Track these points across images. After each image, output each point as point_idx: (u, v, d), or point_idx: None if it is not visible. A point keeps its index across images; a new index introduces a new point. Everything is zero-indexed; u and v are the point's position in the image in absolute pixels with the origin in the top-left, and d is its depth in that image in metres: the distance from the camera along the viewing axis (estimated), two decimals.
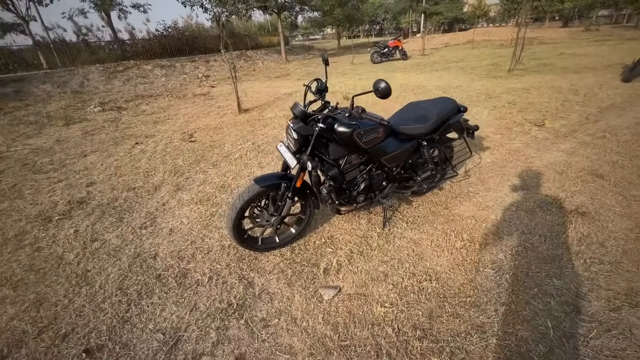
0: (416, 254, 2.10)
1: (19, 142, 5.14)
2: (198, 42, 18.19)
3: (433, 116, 2.28)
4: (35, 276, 2.13)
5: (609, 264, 1.89)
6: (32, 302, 1.92)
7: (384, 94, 1.61)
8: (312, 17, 24.76)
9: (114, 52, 14.99)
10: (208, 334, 1.63)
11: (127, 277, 2.07)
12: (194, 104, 7.47)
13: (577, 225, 2.25)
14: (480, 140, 3.93)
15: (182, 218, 2.71)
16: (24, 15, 13.12)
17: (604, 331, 1.49)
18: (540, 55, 10.88)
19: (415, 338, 1.52)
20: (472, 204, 2.63)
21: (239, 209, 1.93)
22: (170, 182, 3.37)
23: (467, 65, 10.09)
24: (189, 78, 12.69)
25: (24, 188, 3.45)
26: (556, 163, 3.23)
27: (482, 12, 36.22)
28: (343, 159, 2.04)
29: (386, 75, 9.66)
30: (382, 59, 13.70)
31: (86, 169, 3.87)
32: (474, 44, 17.53)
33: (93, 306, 1.86)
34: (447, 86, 6.95)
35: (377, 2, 45.70)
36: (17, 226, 2.72)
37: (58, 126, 6.05)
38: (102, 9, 14.74)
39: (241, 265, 2.11)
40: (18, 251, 2.40)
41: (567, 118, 4.46)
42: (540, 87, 6.16)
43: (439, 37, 24.66)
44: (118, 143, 4.81)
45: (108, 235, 2.53)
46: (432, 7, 37.20)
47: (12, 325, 1.76)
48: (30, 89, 9.98)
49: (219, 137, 4.79)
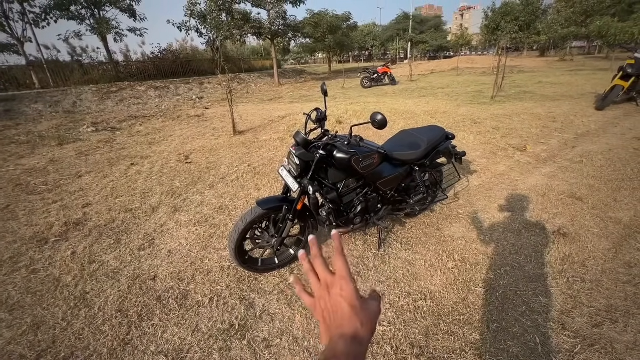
0: (411, 274, 2.19)
1: (10, 162, 5.11)
2: (192, 64, 18.58)
3: (424, 143, 2.45)
4: (32, 299, 2.12)
5: (590, 282, 2.02)
6: (29, 325, 1.91)
7: (380, 126, 1.76)
8: (304, 43, 25.71)
9: (108, 73, 15.14)
10: (211, 355, 1.66)
11: (127, 298, 2.08)
12: (189, 125, 7.58)
13: (559, 246, 2.39)
14: (467, 164, 4.13)
15: (180, 239, 2.75)
16: (19, 37, 13.24)
17: (588, 346, 1.59)
18: (520, 83, 11.54)
19: (413, 355, 1.59)
20: (462, 226, 2.77)
21: (242, 230, 2.00)
22: (168, 204, 3.41)
23: (452, 92, 10.60)
24: (182, 99, 12.87)
25: (18, 209, 3.42)
26: (538, 186, 3.42)
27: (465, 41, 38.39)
28: (341, 183, 2.16)
29: (376, 100, 10.05)
30: (371, 84, 14.25)
31: (82, 190, 3.88)
32: (458, 71, 18.45)
33: (93, 329, 1.86)
34: (434, 111, 7.29)
35: (366, 30, 47.88)
36: (11, 248, 2.70)
37: (51, 146, 6.03)
38: (99, 32, 15.01)
39: (241, 286, 2.15)
40: (13, 273, 2.38)
41: (547, 143, 4.75)
42: (521, 113, 6.54)
43: (425, 64, 25.85)
44: (113, 164, 4.83)
45: (106, 256, 2.55)
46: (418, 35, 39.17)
47: (9, 350, 1.74)
48: (22, 108, 9.95)
49: (215, 158, 4.87)
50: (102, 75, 14.81)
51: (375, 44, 48.51)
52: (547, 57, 30.08)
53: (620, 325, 1.70)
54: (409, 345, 1.65)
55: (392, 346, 1.65)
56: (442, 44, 43.01)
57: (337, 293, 0.39)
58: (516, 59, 24.35)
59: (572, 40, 28.71)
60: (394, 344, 1.66)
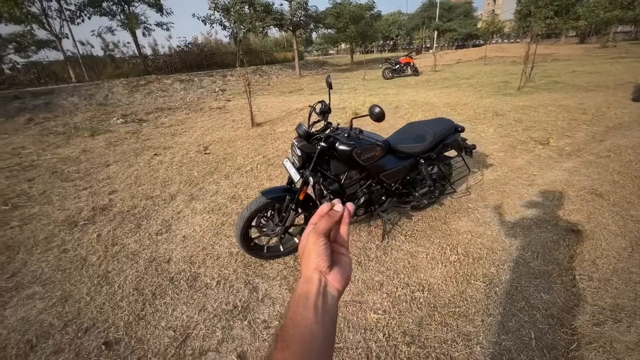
0: (412, 265, 2.22)
1: (48, 152, 5.54)
2: (216, 57, 18.98)
3: (430, 136, 2.43)
4: (62, 275, 2.35)
5: (598, 280, 1.96)
6: (58, 298, 2.12)
7: (378, 118, 1.78)
8: (326, 34, 25.47)
9: (137, 67, 15.82)
10: (214, 333, 1.79)
11: (143, 278, 2.26)
12: (210, 117, 7.83)
13: (570, 243, 2.32)
14: (483, 157, 4.02)
15: (195, 226, 2.91)
16: (57, 33, 14.07)
17: (585, 344, 1.57)
18: (552, 72, 10.90)
19: (404, 343, 1.64)
20: (470, 220, 2.73)
21: (247, 218, 2.10)
22: (185, 192, 3.60)
23: (477, 82, 10.20)
24: (206, 92, 13.25)
25: (53, 195, 3.74)
26: (557, 181, 3.29)
27: (496, 28, 36.38)
28: (343, 175, 2.20)
29: (396, 91, 9.86)
30: (393, 75, 13.96)
31: (109, 178, 4.16)
32: (486, 60, 17.63)
33: (112, 304, 2.05)
34: (455, 103, 7.08)
35: (391, 19, 46.60)
36: (46, 229, 2.98)
37: (84, 137, 6.47)
38: (129, 27, 15.65)
39: (247, 271, 2.27)
40: (47, 252, 2.63)
41: (573, 137, 4.51)
42: (548, 105, 6.21)
43: (452, 53, 24.88)
44: (138, 154, 5.12)
45: (127, 240, 2.75)
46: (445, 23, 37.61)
47: (40, 318, 1.96)
48: (60, 101, 10.66)
49: (232, 149, 5.04)
50: (131, 69, 15.50)
51: (400, 34, 47.16)
52: (587, 43, 27.99)
53: (624, 325, 1.65)
54: (401, 334, 1.69)
55: (384, 333, 1.70)
56: (471, 32, 41.04)
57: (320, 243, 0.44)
58: (551, 47, 22.88)
59: (616, 25, 26.47)
60: (387, 331, 1.71)
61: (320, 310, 0.39)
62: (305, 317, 0.38)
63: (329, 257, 0.43)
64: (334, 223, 0.46)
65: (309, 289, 0.40)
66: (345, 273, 0.44)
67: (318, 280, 0.41)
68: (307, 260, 0.44)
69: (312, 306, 0.39)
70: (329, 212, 0.46)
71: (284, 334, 0.37)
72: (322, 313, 0.39)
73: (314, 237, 0.44)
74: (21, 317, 1.97)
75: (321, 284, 0.41)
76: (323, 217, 0.46)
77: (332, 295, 0.41)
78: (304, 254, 0.45)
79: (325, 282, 0.42)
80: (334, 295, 0.42)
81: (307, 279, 0.42)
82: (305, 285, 0.41)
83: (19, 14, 12.15)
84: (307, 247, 0.44)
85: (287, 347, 0.36)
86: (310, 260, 0.43)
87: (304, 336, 0.37)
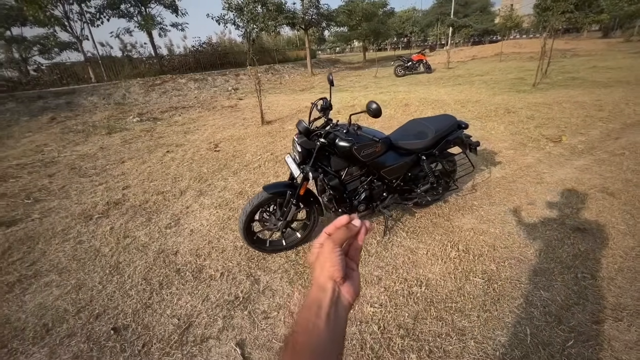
0: (411, 261, 2.23)
1: (68, 149, 5.80)
2: (229, 56, 19.26)
3: (431, 132, 2.43)
4: (77, 265, 2.48)
5: (601, 279, 1.93)
6: (73, 286, 2.25)
7: (375, 114, 1.80)
8: (338, 31, 25.40)
9: (154, 67, 16.23)
10: (215, 321, 1.86)
11: (152, 269, 2.36)
12: (222, 116, 7.98)
13: (575, 242, 2.28)
14: (492, 155, 3.97)
15: (202, 220, 3.01)
16: (78, 35, 14.59)
17: (583, 341, 1.56)
18: (570, 68, 10.55)
19: (398, 336, 1.66)
20: (474, 217, 2.72)
21: (249, 212, 2.17)
22: (195, 188, 3.71)
23: (491, 79, 9.98)
24: (219, 91, 13.48)
25: (71, 189, 3.93)
26: (567, 179, 3.22)
27: (514, 23, 35.33)
28: (344, 171, 2.23)
29: (407, 88, 9.77)
30: (405, 72, 13.83)
31: (123, 174, 4.33)
32: (502, 56, 17.19)
33: (122, 292, 2.15)
34: (466, 100, 6.97)
35: (405, 16, 45.99)
36: (64, 222, 3.14)
37: (102, 135, 6.72)
38: (146, 28, 16.07)
39: (250, 264, 2.34)
40: (64, 243, 2.78)
41: (587, 134, 4.39)
42: (563, 102, 6.04)
43: (467, 50, 24.37)
44: (152, 151, 5.29)
45: (138, 232, 2.87)
46: (460, 19, 36.83)
47: (56, 304, 2.08)
48: (80, 100, 11.07)
49: (241, 147, 5.14)
50: (148, 69, 15.92)
51: (414, 30, 46.49)
52: (611, 38, 26.87)
53: (625, 324, 1.62)
54: (396, 327, 1.72)
55: (379, 326, 1.73)
56: (488, 28, 40.02)
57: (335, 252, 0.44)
58: (572, 41, 22.09)
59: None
60: (382, 324, 1.74)
61: (333, 319, 0.39)
62: (317, 325, 0.38)
63: (343, 267, 0.43)
64: (350, 236, 0.46)
65: (322, 297, 0.40)
66: (356, 287, 0.44)
67: (332, 290, 0.41)
68: (321, 268, 0.43)
69: (325, 315, 0.39)
70: (347, 225, 0.46)
71: (295, 341, 0.37)
72: (334, 323, 0.39)
73: (331, 246, 0.44)
74: (39, 302, 2.10)
75: (335, 294, 0.41)
76: (341, 228, 0.46)
77: (344, 306, 0.42)
78: (318, 261, 0.44)
79: (339, 292, 0.42)
80: (345, 306, 0.42)
81: (321, 286, 0.42)
82: (319, 293, 0.41)
83: (43, 17, 12.67)
84: (323, 255, 0.44)
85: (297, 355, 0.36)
86: (325, 268, 0.42)
87: (315, 345, 0.37)
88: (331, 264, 0.42)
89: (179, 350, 1.70)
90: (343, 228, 0.46)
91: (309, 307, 0.40)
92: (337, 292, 0.42)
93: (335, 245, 0.44)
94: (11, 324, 1.93)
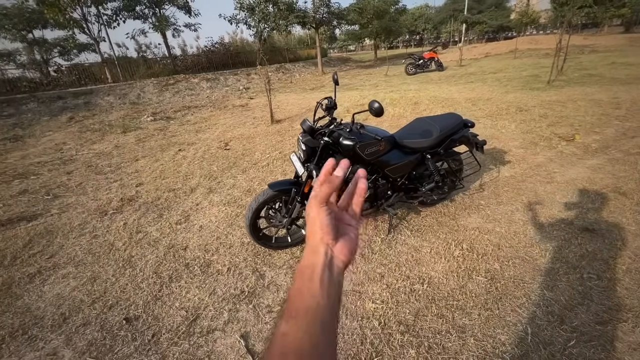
0: (414, 259, 2.25)
1: (85, 147, 6.01)
2: (241, 56, 19.47)
3: (436, 131, 2.43)
4: (92, 258, 2.59)
5: (608, 280, 1.90)
6: (88, 278, 2.36)
7: (377, 113, 1.83)
8: (349, 30, 25.31)
9: (167, 67, 16.57)
10: (221, 314, 1.93)
11: (162, 263, 2.45)
12: (233, 115, 8.10)
13: (583, 242, 2.25)
14: (501, 154, 3.92)
15: (211, 217, 3.09)
16: (96, 37, 15.03)
17: (585, 342, 1.55)
18: (587, 65, 10.24)
19: (399, 332, 1.69)
20: (480, 216, 2.71)
21: (255, 209, 2.23)
22: (204, 185, 3.80)
23: (504, 77, 9.79)
24: (230, 90, 13.65)
25: (87, 186, 4.08)
26: (578, 179, 3.16)
27: (530, 19, 34.36)
28: (348, 169, 2.26)
29: (417, 87, 9.69)
30: (416, 70, 13.69)
31: (137, 172, 4.47)
32: (517, 53, 16.80)
33: (134, 285, 2.25)
34: (477, 98, 6.87)
35: (417, 13, 45.39)
36: (80, 217, 3.27)
37: (117, 133, 6.93)
38: (160, 29, 16.42)
39: (256, 260, 2.40)
40: (80, 237, 2.91)
41: (602, 133, 4.27)
42: (578, 99, 5.89)
43: (480, 47, 23.90)
44: (164, 149, 5.44)
45: (150, 228, 2.97)
46: (474, 16, 36.08)
47: (73, 295, 2.19)
48: (97, 100, 11.42)
49: (250, 145, 5.22)
50: (162, 69, 16.26)
51: (426, 28, 45.83)
52: (633, 33, 25.85)
53: (629, 325, 1.60)
54: (397, 323, 1.74)
55: (380, 322, 1.76)
56: (503, 24, 39.06)
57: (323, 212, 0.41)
58: (591, 37, 21.36)
59: None
60: (383, 320, 1.77)
61: (327, 282, 0.38)
62: (311, 288, 0.37)
63: (333, 228, 0.41)
64: (334, 189, 0.42)
65: (314, 261, 0.40)
66: (352, 246, 0.42)
67: (324, 253, 0.40)
68: (311, 230, 0.42)
69: (318, 279, 0.38)
70: (329, 178, 0.42)
71: (290, 305, 0.37)
72: (329, 285, 0.38)
73: (315, 207, 0.41)
74: (57, 293, 2.22)
75: (327, 257, 0.40)
76: (323, 184, 0.42)
77: (339, 267, 0.40)
78: (308, 222, 0.43)
79: (332, 255, 0.40)
80: (340, 267, 0.41)
81: (313, 249, 0.41)
82: (311, 256, 0.40)
83: (62, 19, 13.12)
84: (310, 216, 0.42)
85: (292, 317, 0.36)
86: (315, 231, 0.41)
87: (310, 307, 0.36)
88: (320, 226, 0.40)
89: (186, 340, 1.77)
90: (325, 184, 0.41)
91: (302, 271, 0.39)
92: (331, 255, 0.40)
93: (319, 203, 0.41)
94: (32, 312, 2.05)
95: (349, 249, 0.42)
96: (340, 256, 0.41)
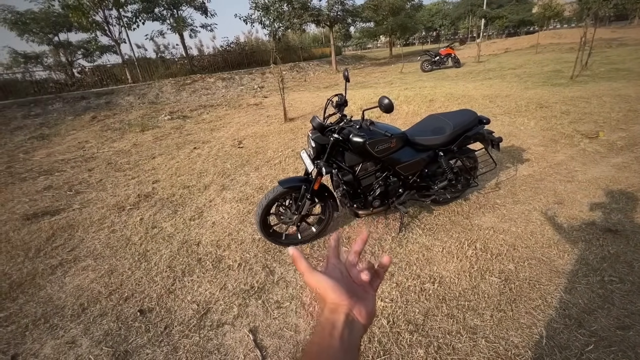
0: (426, 258, 2.21)
1: (106, 145, 6.22)
2: (256, 55, 19.63)
3: (449, 128, 2.38)
4: (110, 251, 2.69)
5: (631, 283, 1.81)
6: (106, 270, 2.44)
7: (387, 109, 1.80)
8: (364, 27, 25.10)
9: (184, 67, 16.92)
10: (231, 309, 1.96)
11: (176, 258, 2.51)
12: (247, 113, 8.19)
13: (605, 243, 2.15)
14: (519, 152, 3.79)
15: (223, 213, 3.14)
16: (117, 39, 15.53)
17: (604, 347, 1.48)
18: (615, 59, 9.76)
19: (407, 331, 1.67)
20: (495, 216, 2.63)
21: (265, 206, 2.24)
22: (218, 183, 3.87)
23: (524, 73, 9.47)
24: (245, 89, 13.81)
25: (107, 183, 4.23)
26: (601, 178, 3.02)
27: (553, 12, 32.99)
28: (358, 166, 2.25)
29: (433, 84, 9.51)
30: (432, 67, 13.43)
31: (154, 169, 4.59)
32: (538, 48, 16.21)
33: (148, 278, 2.31)
34: (495, 95, 6.67)
35: (434, 9, 44.50)
36: (100, 212, 3.40)
37: (136, 132, 7.14)
38: (177, 30, 16.78)
39: (266, 256, 2.42)
40: (99, 232, 3.02)
41: (628, 130, 4.07)
42: (603, 95, 5.62)
43: (500, 42, 23.21)
44: (180, 147, 5.56)
45: (165, 223, 3.05)
46: (493, 10, 35.03)
47: (91, 287, 2.28)
48: (118, 100, 11.80)
49: (264, 143, 5.27)
50: (179, 69, 16.62)
51: (443, 24, 44.87)
52: None
53: None
54: (406, 322, 1.72)
55: (388, 320, 1.74)
56: (524, 18, 37.74)
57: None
58: (619, 30, 20.34)
59: None
60: (392, 318, 1.75)
61: (347, 340, 0.39)
62: (332, 345, 0.38)
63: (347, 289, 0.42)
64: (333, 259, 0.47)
65: (335, 319, 0.40)
66: (370, 308, 0.43)
67: (345, 314, 0.41)
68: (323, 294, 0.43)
69: (339, 336, 0.39)
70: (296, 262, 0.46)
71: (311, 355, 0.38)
72: (348, 343, 0.39)
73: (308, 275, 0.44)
74: (77, 284, 2.31)
75: (348, 318, 0.41)
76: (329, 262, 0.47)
77: (358, 328, 0.41)
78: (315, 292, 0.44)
79: (353, 317, 0.41)
80: (359, 329, 0.41)
81: (333, 309, 0.41)
82: (332, 314, 0.41)
83: (86, 22, 13.62)
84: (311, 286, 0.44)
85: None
86: (327, 294, 0.42)
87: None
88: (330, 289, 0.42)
89: (196, 333, 1.80)
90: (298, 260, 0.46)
91: (323, 325, 0.40)
92: (352, 317, 0.41)
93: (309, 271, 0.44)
94: (53, 302, 2.14)
95: (368, 312, 0.42)
96: (359, 317, 0.41)
